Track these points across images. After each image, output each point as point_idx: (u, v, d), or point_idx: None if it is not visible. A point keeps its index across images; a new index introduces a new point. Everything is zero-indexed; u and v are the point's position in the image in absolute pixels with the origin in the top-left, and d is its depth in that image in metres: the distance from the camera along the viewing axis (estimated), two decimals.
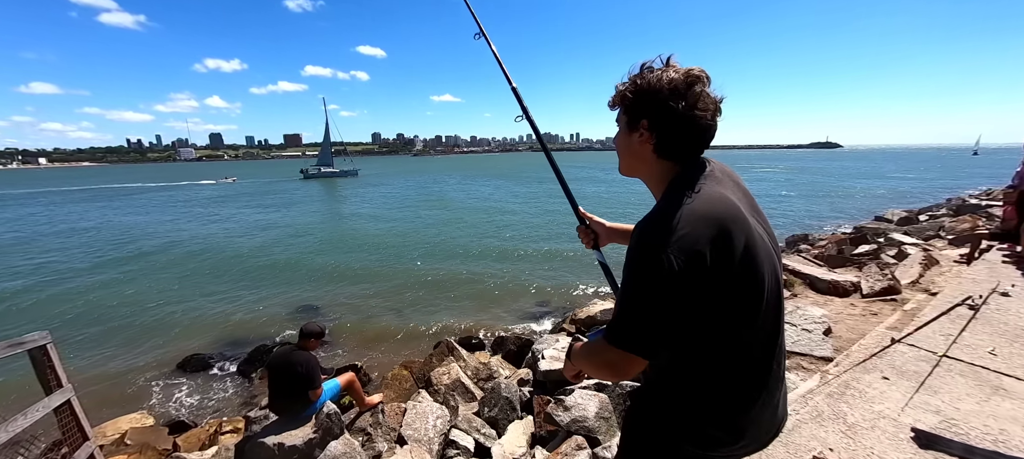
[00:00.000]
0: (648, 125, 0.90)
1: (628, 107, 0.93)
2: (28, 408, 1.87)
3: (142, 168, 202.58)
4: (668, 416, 0.97)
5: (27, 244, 16.90)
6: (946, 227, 9.29)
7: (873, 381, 2.39)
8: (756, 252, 0.85)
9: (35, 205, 33.65)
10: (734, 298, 0.83)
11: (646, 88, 0.88)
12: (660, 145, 0.90)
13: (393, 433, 3.14)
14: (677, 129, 0.87)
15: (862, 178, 40.00)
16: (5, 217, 26.13)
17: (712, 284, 0.80)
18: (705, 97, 0.86)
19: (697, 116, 0.85)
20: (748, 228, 0.84)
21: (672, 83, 0.85)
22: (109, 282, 11.39)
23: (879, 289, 4.56)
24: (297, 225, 20.99)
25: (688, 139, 0.88)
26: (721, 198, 0.85)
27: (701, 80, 0.86)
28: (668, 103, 0.85)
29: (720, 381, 0.91)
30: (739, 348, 0.89)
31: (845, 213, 19.09)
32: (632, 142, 0.94)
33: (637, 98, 0.90)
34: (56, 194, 44.16)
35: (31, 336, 1.98)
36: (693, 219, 0.80)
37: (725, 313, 0.84)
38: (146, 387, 6.23)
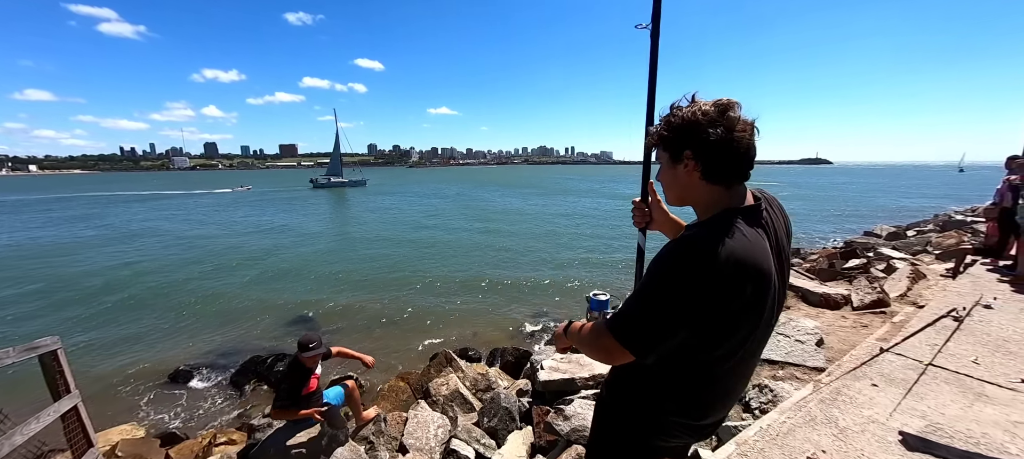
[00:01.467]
0: (692, 154, 0.95)
1: (669, 142, 0.99)
2: (40, 412, 1.89)
3: (157, 176, 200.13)
4: (643, 415, 1.08)
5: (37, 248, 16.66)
6: (933, 242, 9.52)
7: (863, 388, 2.48)
8: (767, 298, 0.93)
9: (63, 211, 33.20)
10: (732, 330, 0.92)
11: (683, 121, 0.95)
12: (706, 170, 0.95)
13: (395, 442, 3.16)
14: (719, 153, 0.92)
15: (851, 194, 40.77)
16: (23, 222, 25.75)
17: (720, 313, 0.88)
18: (740, 119, 0.93)
19: (736, 138, 0.91)
20: (771, 281, 0.92)
21: (706, 113, 0.93)
22: (107, 289, 11.25)
23: (869, 302, 4.68)
24: (301, 233, 21.12)
25: (732, 160, 0.93)
26: (756, 243, 0.91)
27: (732, 106, 0.94)
28: (707, 130, 0.91)
29: (700, 391, 1.02)
30: (725, 368, 0.99)
31: (835, 228, 19.44)
32: (678, 174, 0.99)
33: (676, 132, 0.97)
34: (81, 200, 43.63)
35: (43, 340, 2.01)
36: (725, 255, 0.85)
37: (722, 344, 0.94)
38: (137, 398, 6.15)
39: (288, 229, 22.73)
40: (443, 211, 30.62)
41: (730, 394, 1.08)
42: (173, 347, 7.77)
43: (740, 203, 0.97)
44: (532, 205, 33.85)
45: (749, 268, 0.87)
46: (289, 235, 20.67)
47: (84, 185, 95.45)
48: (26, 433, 1.76)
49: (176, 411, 5.92)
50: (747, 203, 0.98)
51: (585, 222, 23.16)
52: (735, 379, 1.05)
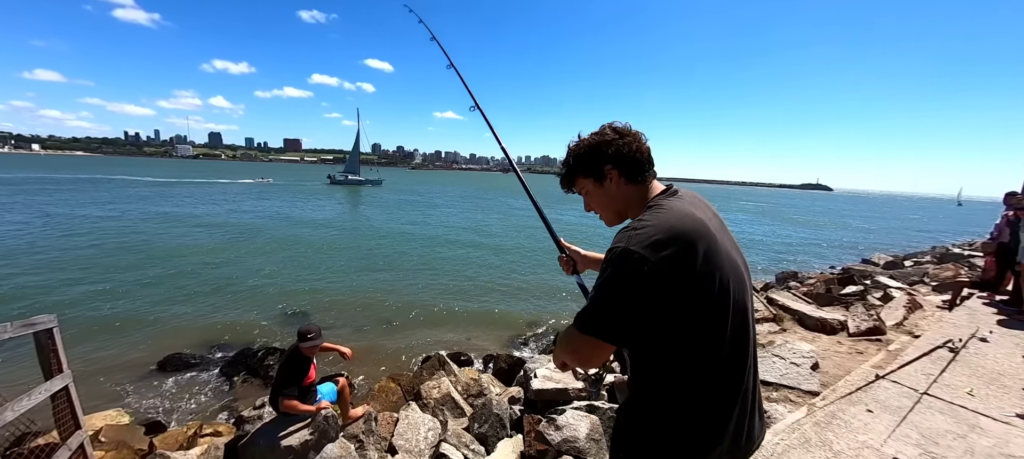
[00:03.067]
0: (614, 165, 1.07)
1: (590, 166, 1.11)
2: (32, 390, 1.87)
3: (164, 163, 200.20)
4: (650, 433, 1.03)
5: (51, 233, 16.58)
6: (930, 274, 9.55)
7: (858, 413, 2.48)
8: (720, 262, 0.94)
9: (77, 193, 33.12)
10: (697, 302, 0.91)
11: (593, 145, 1.10)
12: (628, 173, 1.07)
13: (384, 442, 3.13)
14: (632, 155, 1.06)
15: (850, 221, 40.94)
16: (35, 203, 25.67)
17: (675, 284, 0.89)
18: (631, 131, 1.09)
19: (637, 140, 1.07)
20: (713, 241, 0.95)
21: (602, 134, 1.09)
22: (103, 275, 11.17)
23: (865, 329, 4.68)
24: (312, 227, 21.27)
25: (640, 159, 1.07)
26: (689, 214, 0.97)
27: (612, 125, 1.10)
28: (617, 143, 1.07)
29: (694, 395, 0.97)
30: (710, 363, 0.95)
31: (834, 253, 19.49)
32: (607, 189, 1.10)
33: (594, 154, 1.09)
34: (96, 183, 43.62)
35: (40, 318, 1.99)
36: (662, 227, 0.92)
37: (689, 316, 0.91)
38: (124, 384, 6.07)
39: (302, 222, 23.06)
40: (450, 214, 30.76)
41: (733, 388, 1.00)
42: (164, 335, 7.69)
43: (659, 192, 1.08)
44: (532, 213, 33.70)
45: (683, 227, 0.92)
46: (301, 228, 20.83)
47: (98, 167, 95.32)
48: (17, 410, 1.74)
49: (163, 400, 5.84)
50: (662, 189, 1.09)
51: (586, 230, 23.19)
52: (732, 366, 0.99)
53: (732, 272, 0.97)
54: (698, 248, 0.91)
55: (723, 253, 0.96)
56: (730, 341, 0.97)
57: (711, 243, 0.93)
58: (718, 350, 0.96)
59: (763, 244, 22.16)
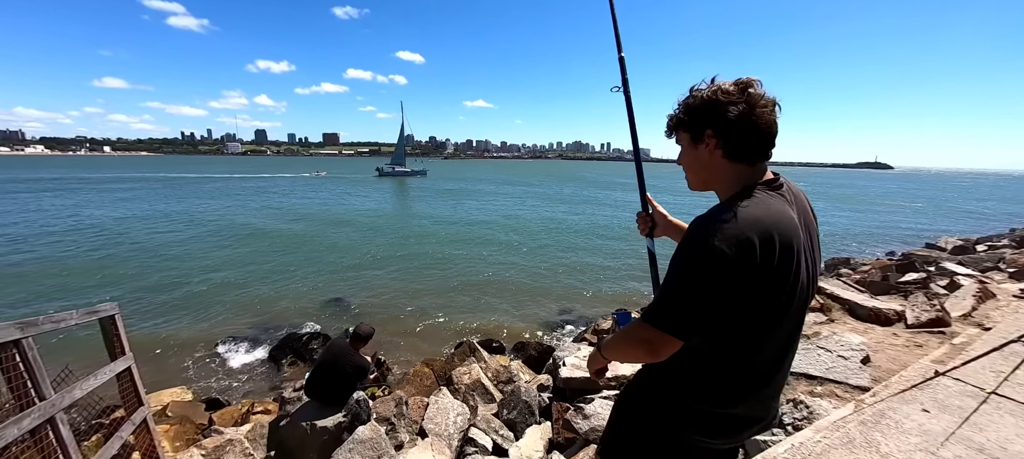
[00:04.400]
0: (713, 133, 0.94)
1: (689, 123, 0.99)
2: (98, 370, 2.09)
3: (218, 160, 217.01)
4: (672, 403, 1.02)
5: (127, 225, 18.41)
6: (1007, 259, 8.59)
7: (912, 413, 2.28)
8: (798, 268, 0.90)
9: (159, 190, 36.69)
10: (764, 302, 0.89)
11: (702, 101, 0.95)
12: (728, 148, 0.94)
13: (415, 425, 3.24)
14: (741, 130, 0.91)
15: (913, 202, 37.51)
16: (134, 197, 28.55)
17: (753, 284, 0.85)
18: (762, 96, 0.91)
19: (757, 114, 0.90)
20: (797, 244, 0.89)
21: (726, 92, 0.92)
22: (168, 261, 12.25)
23: (926, 320, 4.29)
24: (362, 216, 22.66)
25: (753, 137, 0.92)
26: (780, 210, 0.90)
27: (752, 83, 0.92)
28: (728, 108, 0.91)
29: (734, 373, 0.96)
30: (758, 345, 0.95)
31: (892, 238, 18.00)
32: (700, 154, 0.99)
33: (695, 112, 0.97)
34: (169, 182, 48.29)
35: (103, 306, 2.21)
36: (748, 221, 0.85)
37: (756, 311, 0.89)
38: (185, 364, 6.66)
39: (354, 212, 24.77)
40: (485, 203, 31.22)
41: (763, 384, 1.01)
42: (219, 318, 8.34)
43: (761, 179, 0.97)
44: (566, 199, 33.61)
45: (773, 230, 0.86)
46: (352, 218, 22.24)
47: (165, 167, 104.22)
48: (85, 388, 1.94)
49: (219, 378, 6.36)
50: (767, 178, 0.97)
51: (619, 219, 22.70)
52: (768, 367, 0.99)
53: (805, 275, 0.94)
54: (782, 250, 0.86)
55: (803, 257, 0.92)
56: (778, 337, 0.96)
57: (795, 247, 0.89)
58: (764, 344, 0.95)
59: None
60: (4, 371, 1.54)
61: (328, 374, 3.06)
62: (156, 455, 2.73)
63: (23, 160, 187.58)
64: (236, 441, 3.16)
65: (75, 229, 17.27)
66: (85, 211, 22.67)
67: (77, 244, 14.44)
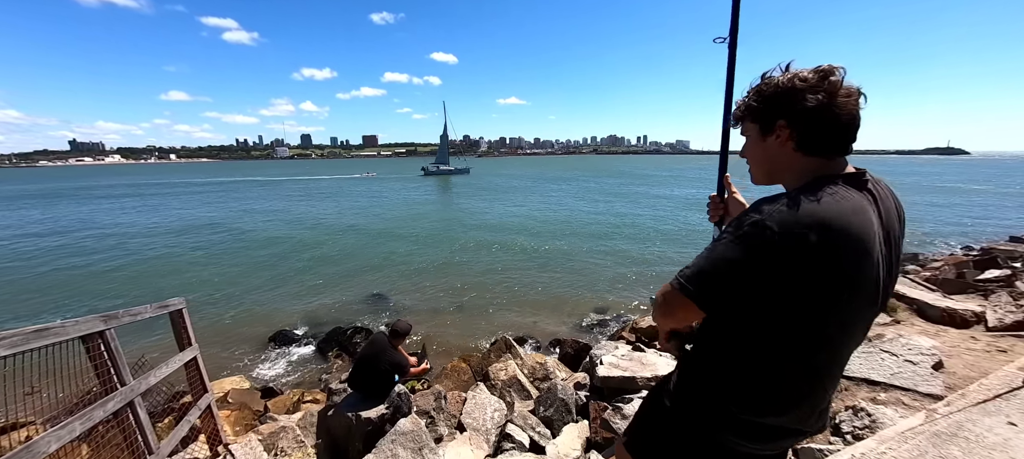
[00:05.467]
0: (787, 123, 0.86)
1: (760, 113, 0.91)
2: (169, 359, 2.30)
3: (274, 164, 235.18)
4: (712, 402, 0.95)
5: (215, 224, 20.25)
6: None
7: (995, 426, 2.05)
8: (869, 273, 0.81)
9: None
10: (825, 303, 0.79)
11: (777, 89, 0.87)
12: (802, 140, 0.86)
13: (454, 419, 3.31)
14: (818, 120, 0.83)
15: (994, 192, 33.65)
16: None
17: (804, 278, 0.77)
18: (846, 90, 0.82)
19: (839, 104, 0.82)
20: (871, 250, 0.79)
21: (804, 79, 0.84)
22: (228, 258, 13.29)
23: (1011, 322, 3.85)
24: (408, 215, 23.66)
25: (832, 129, 0.84)
26: (853, 207, 0.80)
27: (834, 71, 0.83)
28: (805, 95, 0.83)
29: (782, 378, 0.88)
30: (813, 351, 0.86)
31: (969, 231, 16.28)
32: (769, 146, 0.91)
33: (768, 101, 0.89)
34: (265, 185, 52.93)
35: (173, 300, 2.44)
36: (816, 215, 0.76)
37: (810, 312, 0.80)
38: (242, 355, 7.17)
39: (402, 209, 26.33)
40: (523, 198, 31.59)
41: (814, 393, 0.91)
42: (272, 312, 8.93)
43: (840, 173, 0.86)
44: (602, 195, 33.09)
45: (840, 229, 0.76)
46: (399, 214, 23.59)
47: (226, 172, 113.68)
48: (158, 375, 2.15)
49: (273, 369, 6.80)
50: (848, 172, 0.87)
51: (657, 213, 22.03)
52: (822, 376, 0.90)
53: (877, 284, 0.84)
54: (848, 253, 0.77)
55: (875, 260, 0.81)
56: (837, 345, 0.87)
57: (865, 246, 0.79)
58: (819, 350, 0.85)
59: None
60: (91, 359, 1.73)
61: (366, 369, 3.21)
62: (219, 438, 2.96)
63: (104, 169, 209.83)
64: (289, 428, 3.37)
65: (148, 232, 19.04)
66: (153, 215, 24.97)
67: (148, 245, 15.91)
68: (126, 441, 1.85)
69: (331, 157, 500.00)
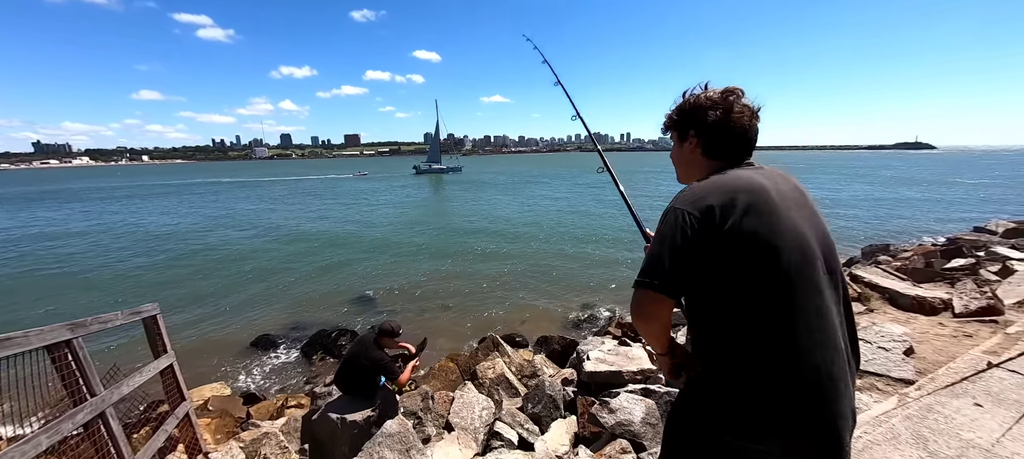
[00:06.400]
0: (695, 133, 1.09)
1: (678, 124, 1.14)
2: (143, 367, 2.21)
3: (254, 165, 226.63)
4: (709, 407, 0.97)
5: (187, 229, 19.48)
6: None
7: (963, 407, 2.14)
8: (771, 224, 0.92)
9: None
10: (746, 260, 0.91)
11: (689, 106, 1.11)
12: (706, 147, 1.08)
13: (441, 419, 3.29)
14: (718, 131, 1.06)
15: (960, 184, 35.20)
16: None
17: (713, 233, 0.92)
18: (739, 105, 1.05)
19: (733, 119, 1.04)
20: (765, 202, 0.94)
21: (709, 98, 1.07)
22: (207, 262, 12.86)
23: (975, 308, 4.04)
24: (398, 215, 23.37)
25: (729, 139, 1.06)
26: (746, 177, 0.99)
27: (734, 93, 1.06)
28: (708, 112, 1.06)
29: (759, 367, 0.90)
30: (762, 332, 0.90)
31: (936, 223, 16.99)
32: (684, 152, 1.13)
33: (683, 115, 1.12)
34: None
35: (146, 307, 2.34)
36: (707, 186, 0.98)
37: (731, 270, 0.91)
38: (224, 361, 6.97)
39: (392, 208, 26.14)
40: (507, 198, 31.45)
41: (806, 369, 0.90)
42: (255, 317, 8.70)
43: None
44: (587, 191, 33.33)
45: (731, 190, 0.95)
46: (389, 214, 23.36)
47: (199, 173, 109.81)
48: (132, 384, 2.06)
49: (255, 374, 6.63)
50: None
51: (643, 211, 22.29)
52: (806, 344, 0.90)
53: (797, 235, 0.94)
54: (739, 203, 0.93)
55: (778, 216, 0.93)
56: (784, 309, 0.90)
57: (760, 203, 0.93)
58: (769, 316, 0.90)
59: (844, 213, 19.84)
60: (58, 370, 1.65)
61: (348, 367, 3.17)
62: (199, 447, 2.87)
63: (72, 172, 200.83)
64: (272, 434, 3.29)
65: (121, 234, 18.32)
66: (126, 218, 24.03)
67: (122, 249, 15.31)
68: (98, 454, 1.78)
69: (312, 157, 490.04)
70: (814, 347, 0.90)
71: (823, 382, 0.90)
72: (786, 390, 0.90)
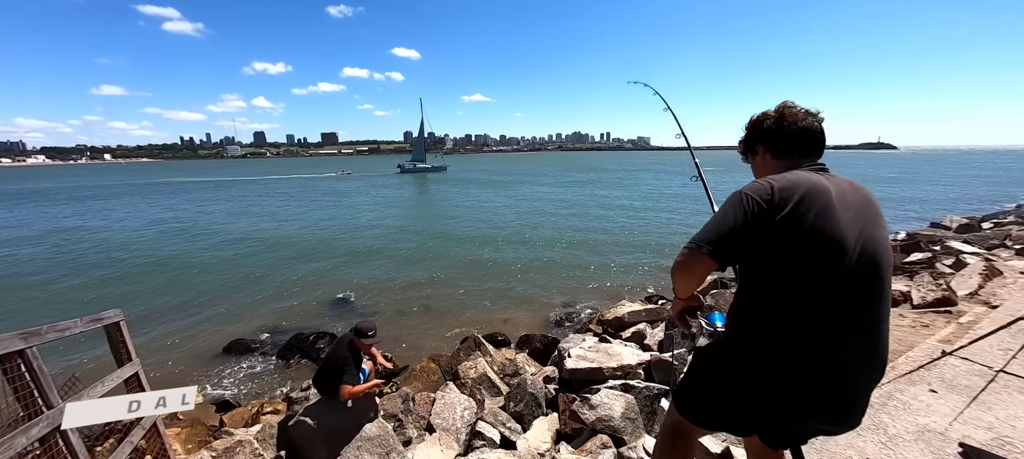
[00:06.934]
0: (760, 142, 1.30)
1: (747, 141, 1.35)
2: (105, 377, 2.10)
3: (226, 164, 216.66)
4: (733, 355, 1.15)
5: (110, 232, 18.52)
6: (1013, 236, 8.54)
7: (919, 393, 2.27)
8: (828, 223, 1.04)
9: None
10: (795, 246, 1.04)
11: (751, 125, 1.34)
12: (774, 151, 1.27)
13: (423, 421, 3.26)
14: (777, 134, 1.25)
15: (918, 182, 37.16)
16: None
17: (775, 224, 1.05)
18: (793, 111, 1.24)
19: (787, 121, 1.23)
20: (826, 203, 1.06)
21: (763, 114, 1.30)
22: (170, 268, 12.31)
23: (932, 300, 4.28)
24: (381, 214, 23.02)
25: (789, 137, 1.23)
26: (809, 177, 1.12)
27: (786, 104, 1.27)
28: (764, 123, 1.28)
29: (775, 337, 1.06)
30: (803, 307, 1.03)
31: (896, 219, 17.88)
32: (757, 161, 1.33)
33: (749, 134, 1.35)
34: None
35: (108, 313, 2.22)
36: (773, 180, 1.12)
37: (786, 256, 1.05)
38: (195, 367, 6.71)
39: (373, 208, 25.65)
40: (488, 198, 31.21)
41: (827, 342, 1.03)
42: (229, 321, 8.40)
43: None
44: (566, 190, 33.61)
45: (793, 184, 1.09)
46: (371, 214, 22.79)
47: (167, 172, 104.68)
48: (92, 395, 1.96)
49: (230, 380, 6.40)
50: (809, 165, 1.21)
51: (620, 208, 22.66)
52: (832, 323, 1.02)
53: (847, 229, 1.05)
54: (798, 196, 1.06)
55: (833, 216, 1.05)
56: (829, 290, 1.02)
57: (818, 200, 1.06)
58: (811, 295, 1.03)
59: None
60: (11, 382, 1.56)
61: (324, 369, 3.11)
62: (167, 457, 2.76)
63: (26, 171, 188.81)
64: (246, 442, 3.19)
65: (81, 238, 17.38)
66: (87, 220, 22.81)
67: (82, 254, 14.53)
68: None
69: (288, 155, 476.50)
70: (831, 337, 1.03)
71: (829, 360, 1.03)
72: (792, 359, 1.04)
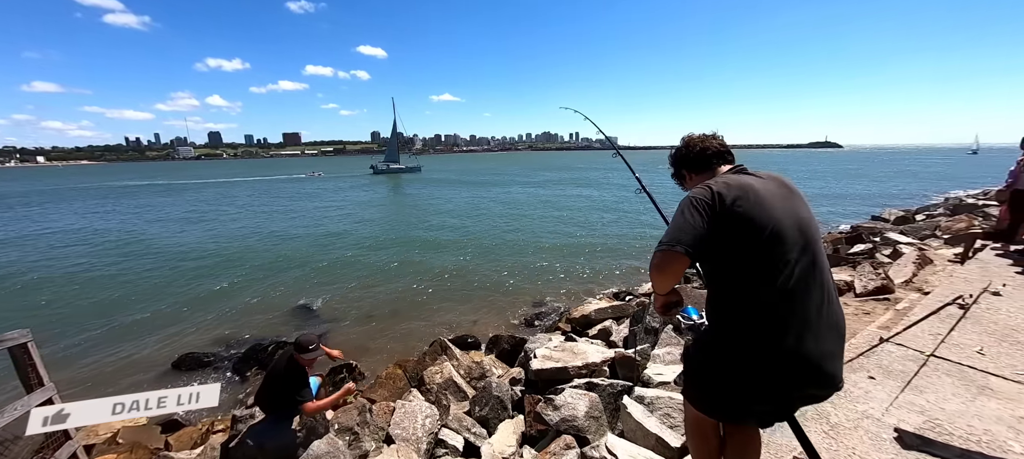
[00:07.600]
0: (685, 168, 1.57)
1: (676, 173, 1.63)
2: (8, 406, 1.86)
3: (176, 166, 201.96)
4: (713, 346, 1.32)
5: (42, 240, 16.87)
6: (942, 226, 9.29)
7: (859, 380, 2.39)
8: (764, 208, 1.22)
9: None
10: (738, 235, 1.21)
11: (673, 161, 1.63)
12: (696, 169, 1.53)
13: (381, 432, 3.13)
14: (690, 160, 1.55)
15: (862, 178, 39.99)
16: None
17: (720, 217, 1.23)
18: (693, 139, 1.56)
19: (692, 145, 1.54)
20: (756, 195, 1.25)
21: (677, 147, 1.61)
22: (114, 278, 11.37)
23: (872, 288, 4.55)
24: (349, 217, 22.12)
25: (700, 159, 1.52)
26: (736, 178, 1.33)
27: (688, 136, 1.58)
28: (679, 153, 1.59)
29: (742, 318, 1.22)
30: (763, 280, 1.19)
31: (842, 213, 19.11)
32: (687, 184, 1.58)
33: (674, 167, 1.63)
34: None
35: (12, 334, 1.97)
36: (712, 182, 1.32)
37: (729, 241, 1.22)
38: (139, 386, 6.21)
39: (343, 209, 25.04)
40: (463, 198, 30.83)
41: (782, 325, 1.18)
42: (177, 333, 7.84)
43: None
44: (538, 189, 33.83)
45: (724, 185, 1.28)
46: (344, 218, 21.78)
47: (110, 175, 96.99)
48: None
49: None
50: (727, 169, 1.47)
51: (589, 205, 23.02)
52: (782, 305, 1.18)
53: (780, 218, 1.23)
54: (732, 192, 1.25)
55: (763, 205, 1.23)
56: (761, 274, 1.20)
57: (749, 194, 1.25)
58: (766, 272, 1.19)
59: None
60: None
61: (266, 385, 2.93)
62: None
63: None
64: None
65: (2, 251, 15.79)
66: (17, 228, 20.78)
67: (2, 268, 13.19)
68: None
69: (246, 156, 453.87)
70: (784, 304, 1.19)
71: (792, 330, 1.19)
72: (766, 333, 1.19)
